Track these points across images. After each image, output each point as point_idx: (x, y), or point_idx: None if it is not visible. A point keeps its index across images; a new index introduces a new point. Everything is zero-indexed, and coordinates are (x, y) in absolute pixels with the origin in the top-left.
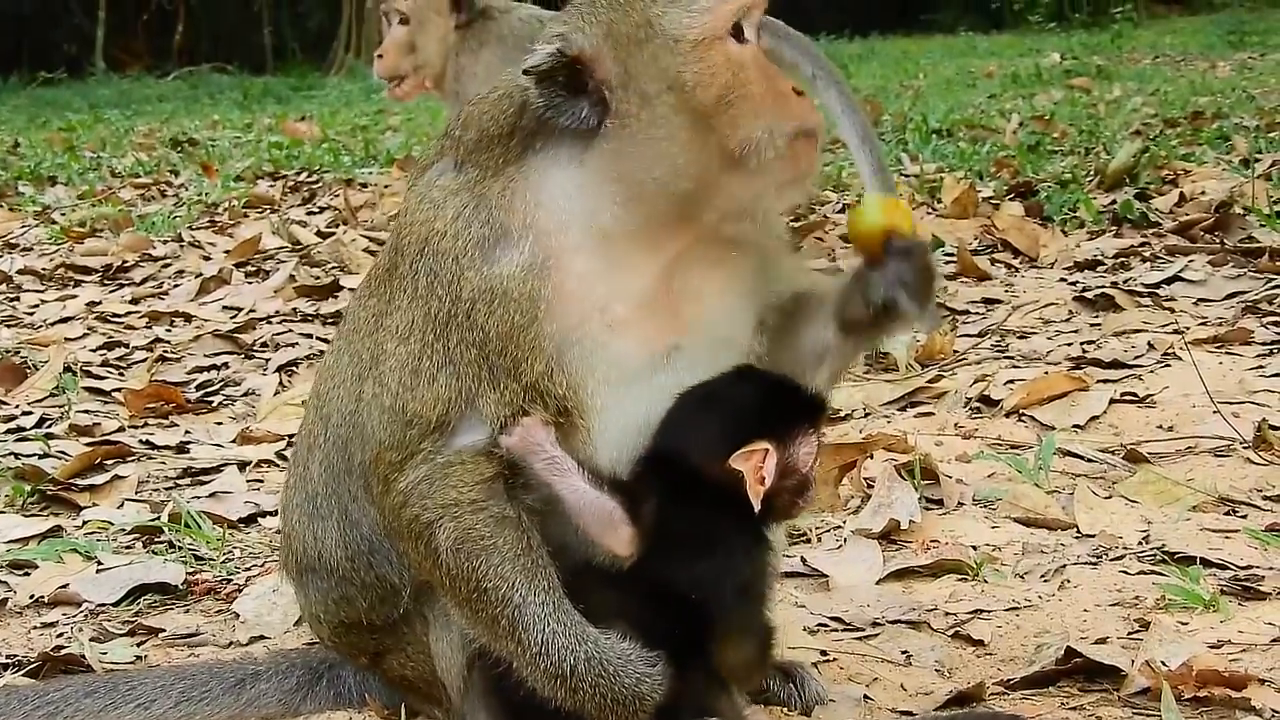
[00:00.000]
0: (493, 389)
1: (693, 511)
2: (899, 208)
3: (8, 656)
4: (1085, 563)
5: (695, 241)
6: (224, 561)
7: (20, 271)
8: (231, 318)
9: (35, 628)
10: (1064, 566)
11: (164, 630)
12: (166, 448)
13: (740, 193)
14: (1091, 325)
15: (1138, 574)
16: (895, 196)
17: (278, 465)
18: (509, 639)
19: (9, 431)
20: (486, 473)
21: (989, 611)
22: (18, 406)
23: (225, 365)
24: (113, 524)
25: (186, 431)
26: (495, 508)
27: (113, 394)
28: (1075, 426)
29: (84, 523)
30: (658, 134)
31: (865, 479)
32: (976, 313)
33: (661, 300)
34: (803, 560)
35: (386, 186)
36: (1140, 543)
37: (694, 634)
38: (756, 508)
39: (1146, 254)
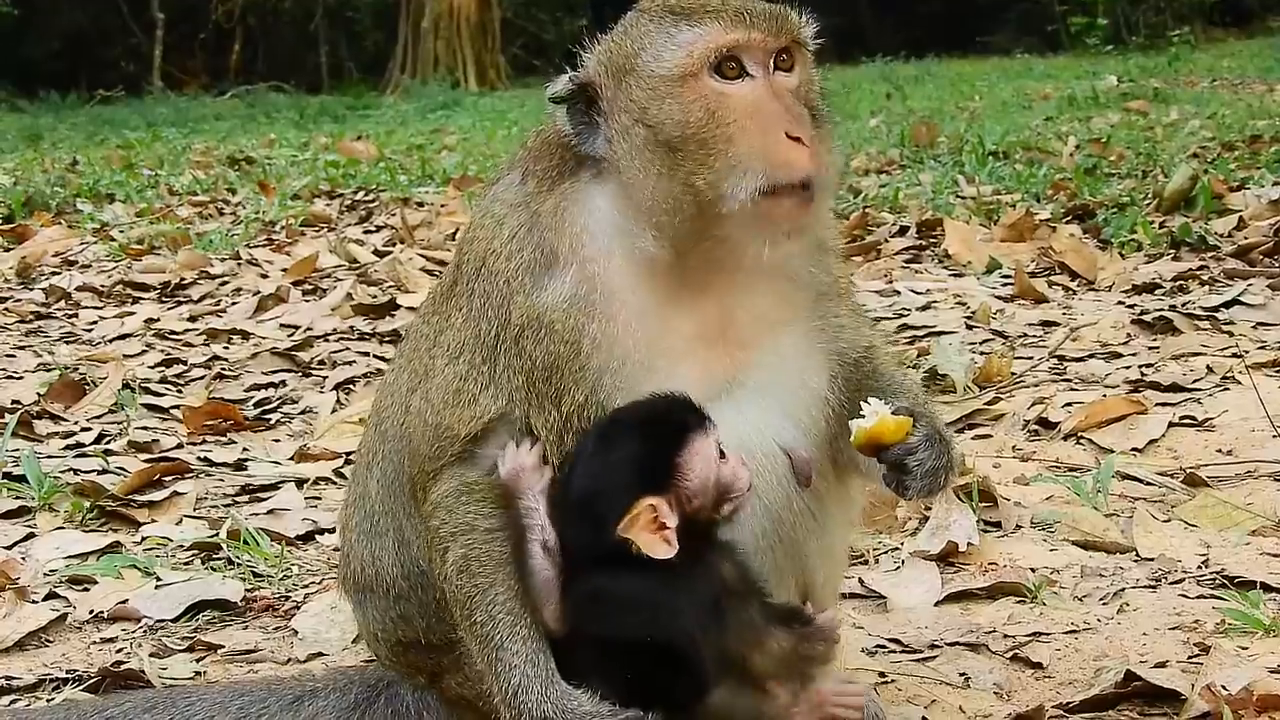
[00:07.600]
0: (538, 414)
1: (623, 566)
2: (884, 422)
3: (68, 671)
4: (1144, 586)
5: (746, 278)
6: (282, 579)
7: (79, 288)
8: (289, 336)
9: (95, 643)
10: (1123, 590)
11: (223, 646)
12: (224, 465)
13: (727, 237)
14: (1150, 348)
15: (1197, 598)
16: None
17: (335, 483)
18: (489, 674)
19: (68, 447)
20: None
21: (1048, 634)
22: (77, 423)
23: (283, 383)
24: (171, 540)
25: (244, 449)
26: (503, 544)
27: (171, 411)
28: (1134, 450)
29: (143, 539)
30: (635, 167)
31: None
32: (1034, 335)
33: (714, 337)
34: (861, 582)
35: (443, 206)
36: (1199, 567)
37: (677, 681)
38: (669, 555)
39: (1205, 277)
